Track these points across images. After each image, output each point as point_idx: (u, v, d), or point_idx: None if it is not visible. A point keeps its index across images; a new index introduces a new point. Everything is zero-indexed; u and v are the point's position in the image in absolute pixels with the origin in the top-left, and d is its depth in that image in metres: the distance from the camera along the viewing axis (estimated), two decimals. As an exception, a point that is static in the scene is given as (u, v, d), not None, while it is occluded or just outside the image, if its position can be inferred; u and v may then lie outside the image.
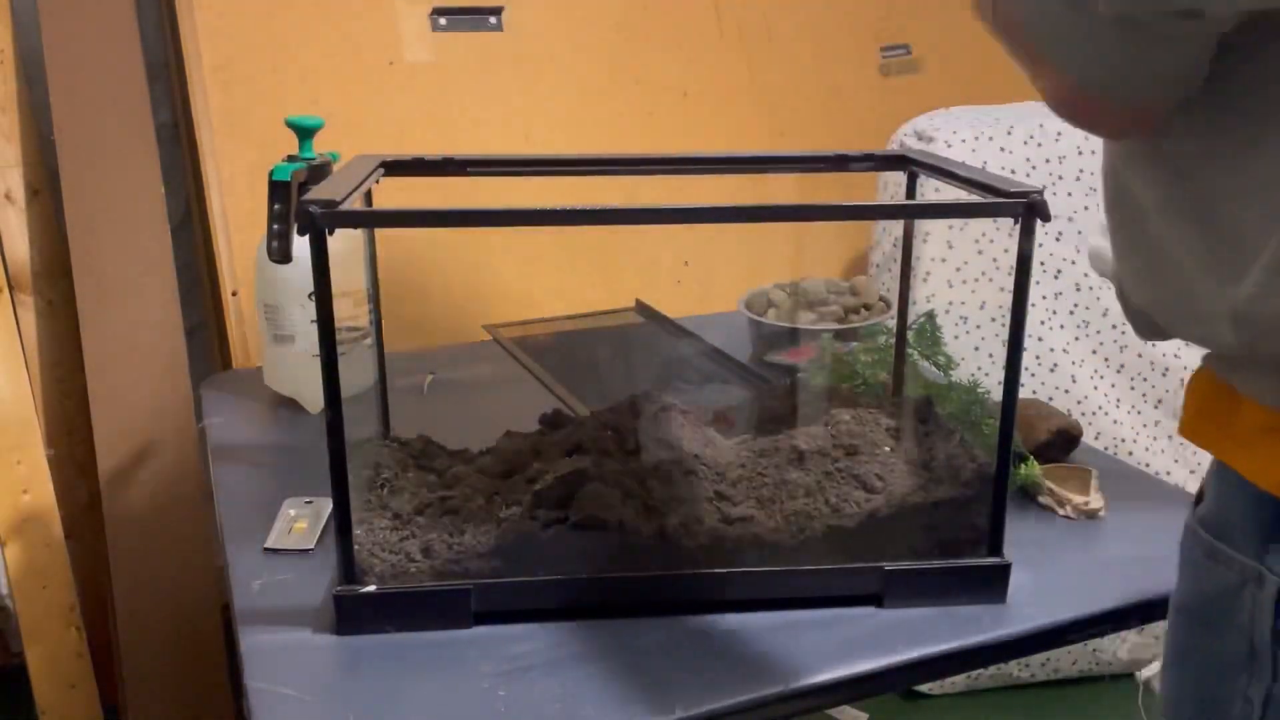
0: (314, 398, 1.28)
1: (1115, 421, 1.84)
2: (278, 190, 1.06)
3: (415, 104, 1.77)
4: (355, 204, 0.84)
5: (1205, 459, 0.65)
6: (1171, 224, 0.59)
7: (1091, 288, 1.81)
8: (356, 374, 1.19)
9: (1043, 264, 1.78)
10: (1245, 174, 0.54)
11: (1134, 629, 1.86)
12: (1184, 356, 1.87)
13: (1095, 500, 1.04)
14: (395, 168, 0.98)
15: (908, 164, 1.04)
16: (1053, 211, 0.81)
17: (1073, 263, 1.79)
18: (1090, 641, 1.88)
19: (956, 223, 1.72)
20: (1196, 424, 0.66)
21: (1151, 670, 1.77)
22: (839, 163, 1.04)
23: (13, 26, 1.59)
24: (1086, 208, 1.79)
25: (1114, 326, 1.83)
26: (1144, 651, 1.91)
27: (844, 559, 0.88)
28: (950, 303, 1.75)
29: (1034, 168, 1.75)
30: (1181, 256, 0.59)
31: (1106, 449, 1.78)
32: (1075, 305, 1.81)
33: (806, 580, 0.88)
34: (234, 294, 1.65)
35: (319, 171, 1.14)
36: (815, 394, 1.12)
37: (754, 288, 1.49)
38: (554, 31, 1.85)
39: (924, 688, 1.91)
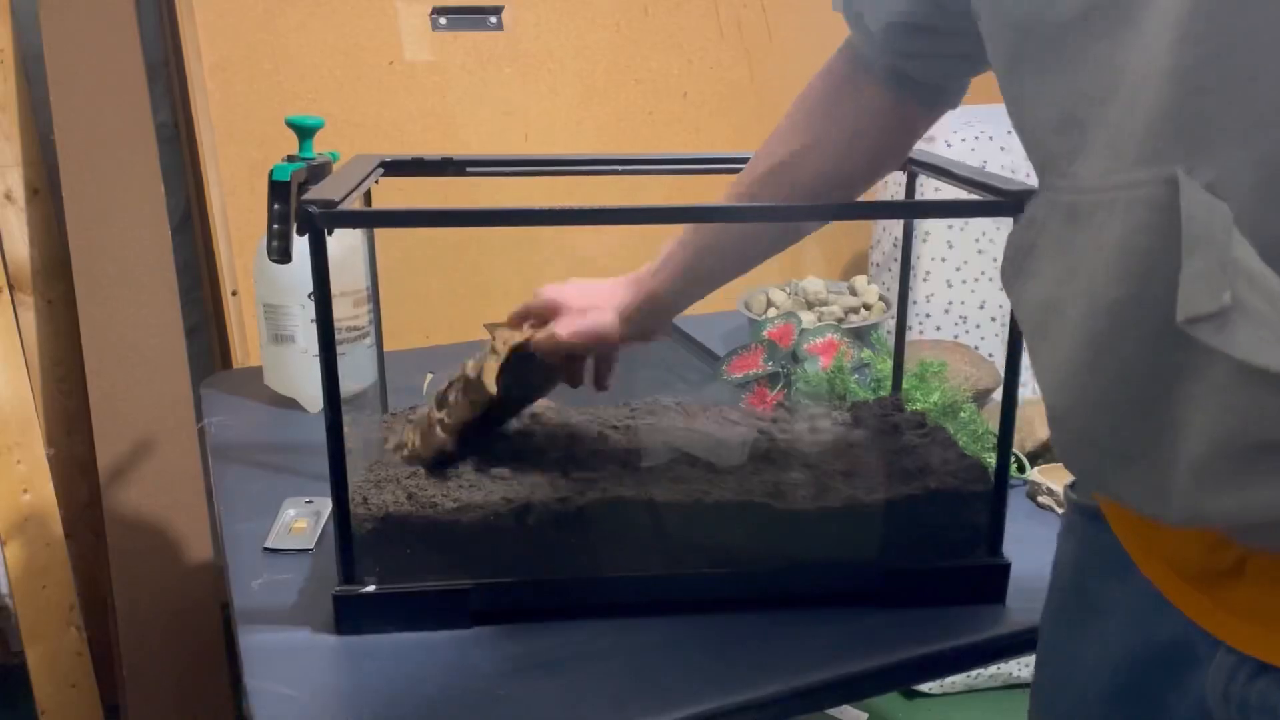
0: (314, 397, 1.28)
1: (1115, 421, 1.84)
2: (277, 190, 1.06)
3: (415, 104, 1.77)
4: (355, 204, 0.84)
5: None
6: None
7: (1091, 288, 1.81)
8: (356, 373, 1.19)
9: (1043, 264, 1.78)
10: None
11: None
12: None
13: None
14: (395, 168, 0.98)
15: (908, 164, 1.04)
16: (1052, 211, 0.81)
17: (1073, 263, 1.79)
18: (1090, 641, 1.87)
19: (956, 222, 1.72)
20: None
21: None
22: (839, 163, 1.04)
23: (13, 26, 1.59)
24: (1086, 208, 1.79)
25: (1114, 326, 1.83)
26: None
27: (844, 558, 0.88)
28: (950, 302, 1.75)
29: (1034, 167, 1.75)
30: None
31: (1106, 449, 1.78)
32: (1075, 305, 1.81)
33: (806, 579, 0.88)
34: (234, 294, 1.65)
35: (319, 171, 1.14)
36: (816, 395, 1.12)
37: (754, 288, 1.49)
38: (554, 31, 1.85)
39: (924, 687, 1.91)
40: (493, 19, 1.81)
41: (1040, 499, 1.07)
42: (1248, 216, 0.43)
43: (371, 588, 0.84)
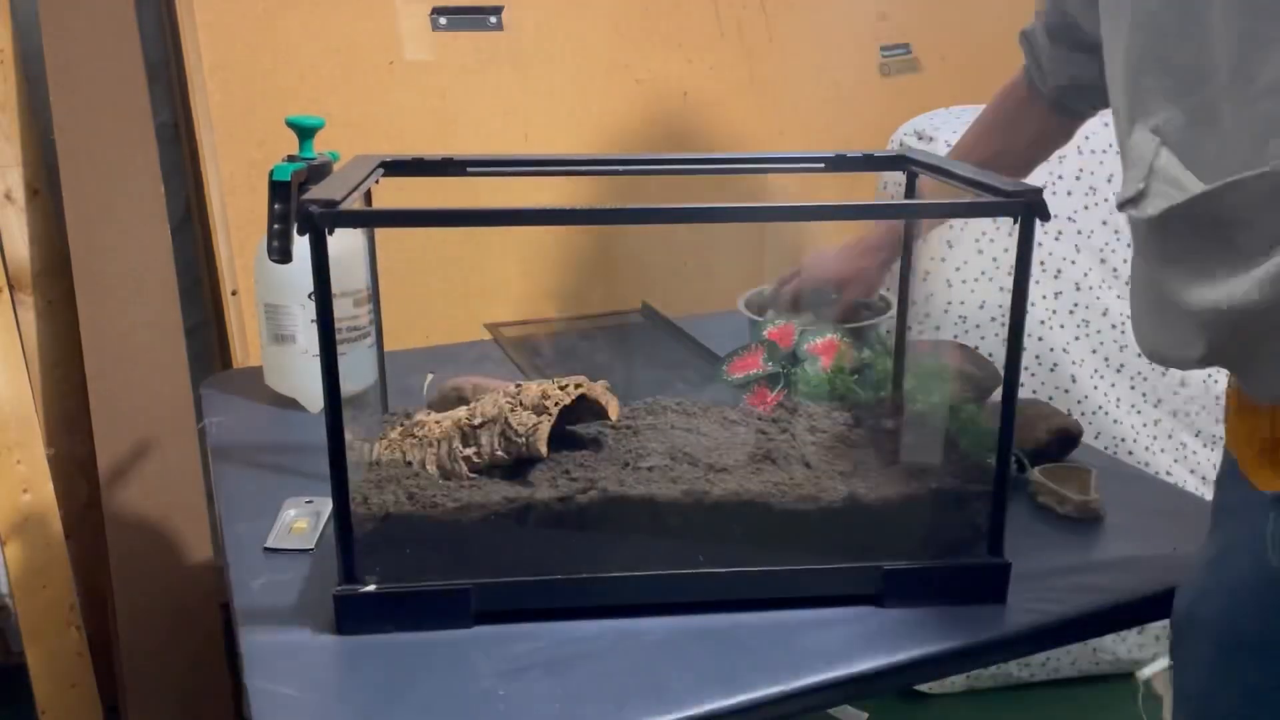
0: (314, 397, 1.28)
1: (1115, 421, 1.84)
2: (278, 190, 1.06)
3: (415, 104, 1.77)
4: (355, 204, 0.84)
5: (1203, 457, 0.68)
6: None
7: (1091, 287, 1.81)
8: (356, 373, 1.19)
9: (1043, 264, 1.78)
10: None
11: (1133, 629, 1.86)
12: (1184, 356, 1.87)
13: (1094, 500, 1.04)
14: (395, 168, 0.98)
15: (907, 164, 1.04)
16: (1052, 211, 0.81)
17: (1073, 263, 1.79)
18: (1090, 641, 1.88)
19: (956, 222, 1.72)
20: None
21: (1152, 670, 1.76)
22: (839, 163, 1.04)
23: (13, 26, 1.59)
24: (1086, 207, 1.79)
25: (1114, 326, 1.83)
26: (1144, 651, 1.91)
27: (844, 558, 0.88)
28: (950, 302, 1.75)
29: (1034, 168, 1.75)
30: None
31: (1106, 449, 1.78)
32: (1075, 305, 1.81)
33: (806, 580, 0.88)
34: (234, 294, 1.65)
35: (319, 171, 1.14)
36: (816, 395, 1.12)
37: (754, 288, 1.49)
38: (554, 31, 1.85)
39: (924, 688, 1.91)
40: (493, 19, 1.81)
41: (1040, 499, 1.07)
42: (1181, 152, 0.68)
43: (372, 588, 0.84)
